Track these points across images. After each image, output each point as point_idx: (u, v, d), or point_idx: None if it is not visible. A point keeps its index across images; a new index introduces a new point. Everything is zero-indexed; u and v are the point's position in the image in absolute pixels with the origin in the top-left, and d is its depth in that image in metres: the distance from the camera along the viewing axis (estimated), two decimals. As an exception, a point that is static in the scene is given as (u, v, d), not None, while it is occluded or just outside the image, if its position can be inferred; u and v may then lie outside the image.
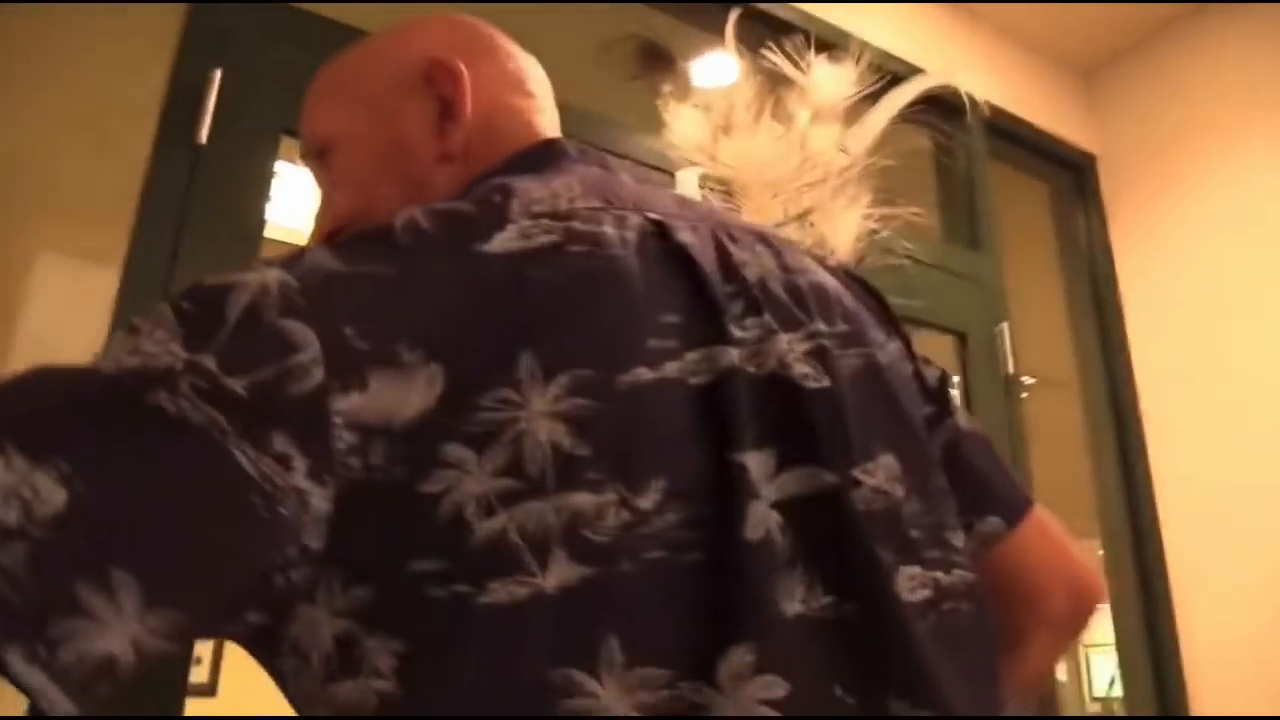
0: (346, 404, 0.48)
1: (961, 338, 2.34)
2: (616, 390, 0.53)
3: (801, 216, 1.34)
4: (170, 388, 0.44)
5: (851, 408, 0.63)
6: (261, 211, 1.54)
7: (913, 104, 1.54)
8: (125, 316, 1.40)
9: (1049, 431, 2.58)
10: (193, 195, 1.45)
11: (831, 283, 0.72)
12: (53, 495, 0.40)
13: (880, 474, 0.62)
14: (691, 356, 0.57)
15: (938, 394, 0.77)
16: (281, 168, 1.63)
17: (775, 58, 1.46)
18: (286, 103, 1.60)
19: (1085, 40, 2.97)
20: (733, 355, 0.58)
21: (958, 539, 0.66)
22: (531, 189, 0.61)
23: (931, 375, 0.78)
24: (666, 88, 1.51)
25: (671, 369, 0.56)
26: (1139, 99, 2.98)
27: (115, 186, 1.43)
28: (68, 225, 1.44)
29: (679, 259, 0.61)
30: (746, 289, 0.63)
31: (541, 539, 0.49)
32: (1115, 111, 3.03)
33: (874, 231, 1.50)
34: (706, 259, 0.63)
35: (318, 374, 0.47)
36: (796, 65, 1.48)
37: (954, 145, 2.52)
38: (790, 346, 0.62)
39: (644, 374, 0.54)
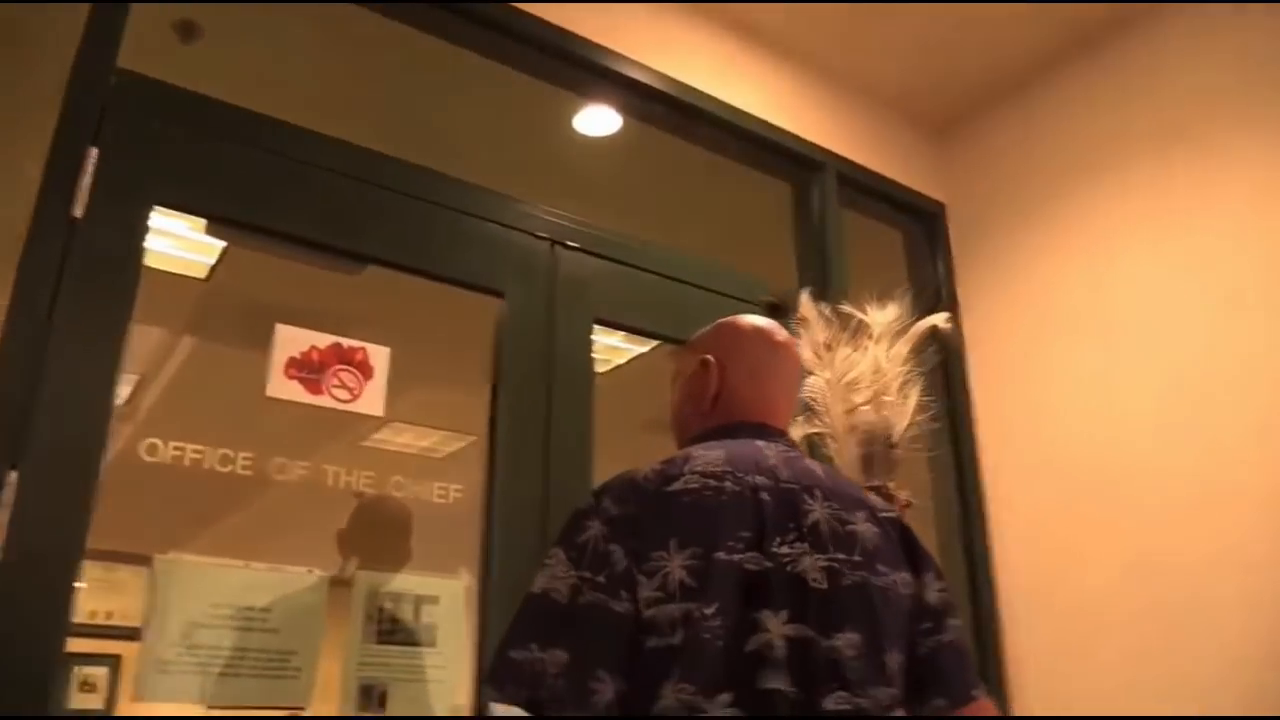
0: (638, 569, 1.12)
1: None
2: (709, 560, 1.12)
3: (870, 401, 2.00)
4: (580, 591, 1.09)
5: (838, 603, 1.17)
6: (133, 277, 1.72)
7: (920, 338, 2.12)
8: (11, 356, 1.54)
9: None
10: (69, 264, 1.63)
11: (866, 531, 1.26)
12: (560, 655, 1.06)
13: (840, 640, 1.14)
14: (751, 555, 1.14)
15: (938, 614, 1.29)
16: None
17: (853, 310, 2.10)
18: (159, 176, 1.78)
19: (937, 99, 3.23)
20: (775, 560, 1.15)
21: (883, 694, 1.16)
22: (699, 456, 1.22)
23: (937, 600, 1.30)
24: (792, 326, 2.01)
25: (738, 558, 1.13)
26: (987, 154, 3.25)
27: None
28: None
29: (758, 504, 1.19)
30: (801, 526, 1.20)
31: (671, 621, 1.08)
32: (964, 165, 3.31)
33: (919, 417, 2.07)
34: (775, 506, 1.20)
35: (624, 562, 1.11)
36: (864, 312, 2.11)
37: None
38: (814, 561, 1.18)
39: (723, 556, 1.13)
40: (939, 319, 2.13)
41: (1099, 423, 2.74)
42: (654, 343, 2.73)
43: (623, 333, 2.53)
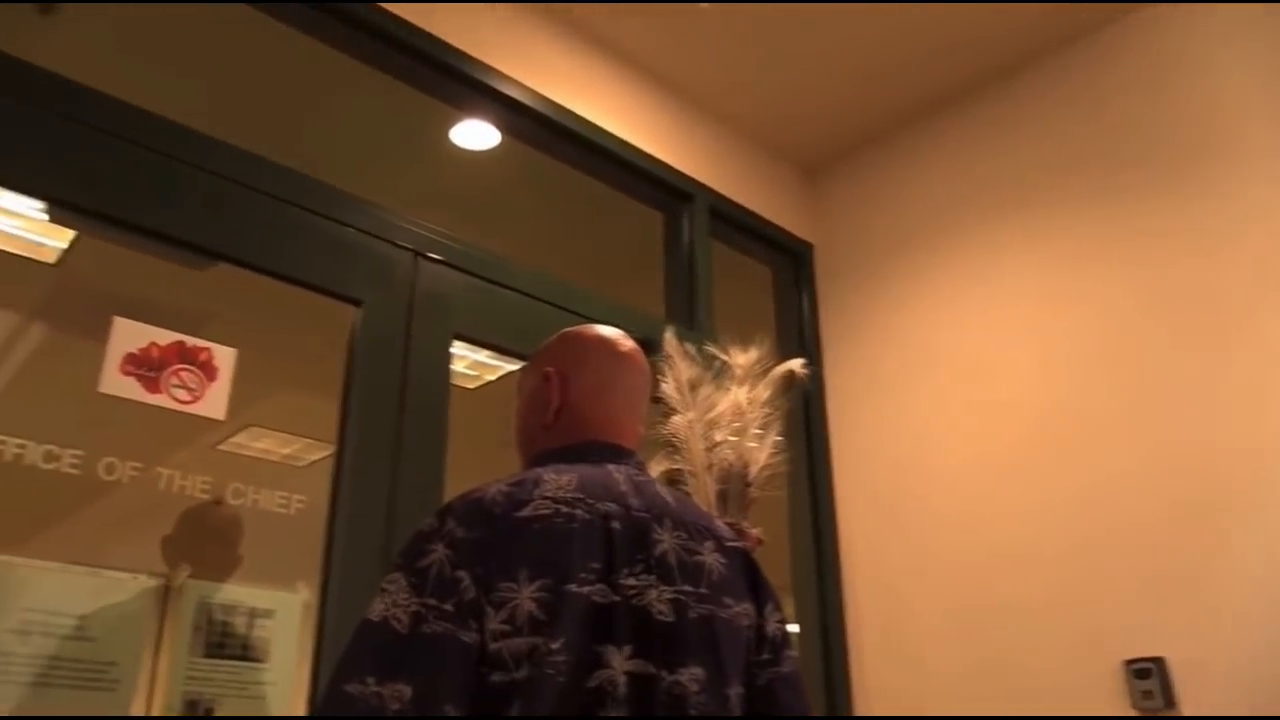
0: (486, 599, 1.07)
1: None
2: (560, 592, 1.08)
3: (734, 440, 2.07)
4: (424, 620, 1.03)
5: (683, 636, 1.16)
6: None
7: (779, 381, 2.18)
8: None
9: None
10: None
11: (713, 562, 1.26)
12: (403, 689, 0.99)
13: (685, 675, 1.14)
14: (600, 586, 1.12)
15: (777, 646, 1.29)
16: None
17: (716, 351, 2.17)
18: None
19: (811, 140, 3.33)
20: (622, 593, 1.13)
21: None
22: (550, 480, 1.18)
23: (775, 631, 1.30)
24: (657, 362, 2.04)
25: (588, 590, 1.11)
26: (856, 197, 3.37)
27: None
28: None
29: (609, 533, 1.16)
30: (649, 557, 1.19)
31: (517, 656, 1.04)
32: (834, 207, 3.42)
33: (775, 458, 2.14)
34: (625, 535, 1.18)
35: (473, 590, 1.06)
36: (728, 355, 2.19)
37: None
38: (660, 594, 1.17)
39: (574, 588, 1.10)
40: (796, 364, 2.21)
41: (946, 464, 2.85)
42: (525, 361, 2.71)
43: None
